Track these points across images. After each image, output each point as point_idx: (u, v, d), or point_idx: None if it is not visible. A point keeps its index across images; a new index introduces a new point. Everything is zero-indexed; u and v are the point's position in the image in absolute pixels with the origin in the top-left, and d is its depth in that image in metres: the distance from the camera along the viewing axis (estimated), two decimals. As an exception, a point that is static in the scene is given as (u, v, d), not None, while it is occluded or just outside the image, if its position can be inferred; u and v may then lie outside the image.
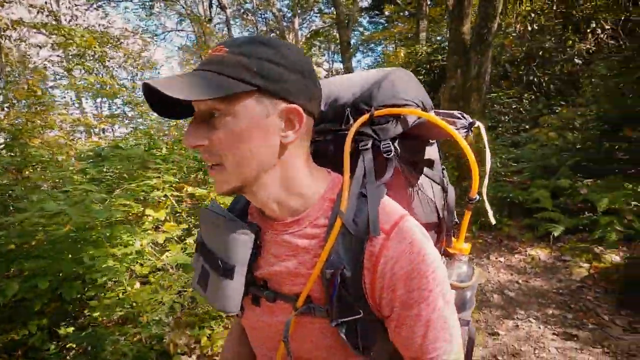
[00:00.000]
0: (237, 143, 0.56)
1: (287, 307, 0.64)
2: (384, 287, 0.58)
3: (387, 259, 0.57)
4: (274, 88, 0.55)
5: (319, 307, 0.60)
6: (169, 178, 3.13)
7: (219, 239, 0.65)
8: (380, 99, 0.73)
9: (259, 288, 0.66)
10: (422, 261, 0.57)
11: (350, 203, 0.60)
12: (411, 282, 0.57)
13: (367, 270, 0.58)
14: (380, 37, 14.46)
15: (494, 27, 5.27)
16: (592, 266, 3.23)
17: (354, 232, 0.58)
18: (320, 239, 0.61)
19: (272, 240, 0.65)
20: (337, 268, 0.57)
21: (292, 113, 0.58)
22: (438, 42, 8.78)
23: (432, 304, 0.57)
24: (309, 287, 0.60)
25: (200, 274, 0.69)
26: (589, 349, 2.29)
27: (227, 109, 0.55)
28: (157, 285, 2.62)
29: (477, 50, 5.40)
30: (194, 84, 0.52)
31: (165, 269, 2.78)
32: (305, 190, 0.63)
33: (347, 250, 0.58)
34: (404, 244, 0.58)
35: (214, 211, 0.67)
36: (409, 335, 0.58)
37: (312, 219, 0.62)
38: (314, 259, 0.61)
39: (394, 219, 0.60)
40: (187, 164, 4.01)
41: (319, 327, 0.62)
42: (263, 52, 0.55)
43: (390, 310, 0.59)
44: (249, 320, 0.72)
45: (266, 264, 0.65)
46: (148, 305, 2.35)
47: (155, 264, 2.70)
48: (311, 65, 0.62)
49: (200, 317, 2.49)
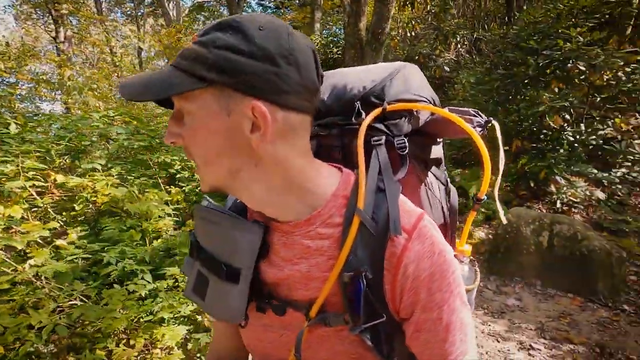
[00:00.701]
0: (200, 141, 0.52)
1: (298, 315, 0.59)
2: (405, 290, 0.55)
3: (409, 260, 0.54)
4: (232, 82, 0.49)
5: (335, 314, 0.56)
6: (31, 163, 2.40)
7: (222, 240, 0.59)
8: (393, 93, 0.72)
9: (266, 297, 0.60)
10: (443, 262, 0.56)
11: (367, 200, 0.56)
12: (433, 285, 0.55)
13: (387, 272, 0.55)
14: (272, 22, 14.34)
15: (387, 27, 5.74)
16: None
17: (374, 231, 0.55)
18: (334, 239, 0.56)
19: (280, 242, 0.59)
20: (357, 270, 0.53)
21: (255, 111, 0.50)
22: (331, 35, 9.11)
23: (452, 305, 0.55)
24: (326, 292, 0.55)
25: (196, 281, 0.63)
26: (475, 312, 2.75)
27: (186, 106, 0.52)
28: (19, 305, 1.99)
29: (371, 47, 5.80)
30: (150, 84, 0.51)
31: (28, 283, 2.13)
32: (311, 188, 0.57)
33: (366, 250, 0.55)
34: (426, 245, 0.55)
35: (215, 209, 0.61)
36: (429, 338, 0.56)
37: (324, 218, 0.57)
38: (329, 261, 0.56)
39: (415, 217, 0.57)
40: (51, 145, 3.14)
41: (335, 334, 0.58)
42: (225, 39, 0.49)
43: (409, 314, 0.56)
44: (252, 331, 0.65)
45: (273, 268, 0.59)
46: (10, 332, 1.76)
47: (14, 277, 2.04)
48: (297, 49, 0.51)
49: (91, 337, 2.00)
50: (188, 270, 0.65)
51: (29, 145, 2.82)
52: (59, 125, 3.47)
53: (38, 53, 10.47)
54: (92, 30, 11.72)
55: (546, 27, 4.39)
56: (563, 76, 4.18)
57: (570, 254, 3.07)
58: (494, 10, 8.12)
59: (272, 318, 0.61)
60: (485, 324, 2.60)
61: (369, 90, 0.72)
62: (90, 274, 2.37)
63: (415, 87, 0.73)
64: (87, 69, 10.23)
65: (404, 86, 0.72)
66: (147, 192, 2.95)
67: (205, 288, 0.61)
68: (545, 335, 2.45)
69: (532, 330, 2.52)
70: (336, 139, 0.73)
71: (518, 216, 3.43)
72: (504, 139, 0.72)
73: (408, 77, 0.74)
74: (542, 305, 2.84)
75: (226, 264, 0.57)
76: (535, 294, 3.00)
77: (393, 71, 0.74)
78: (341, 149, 0.73)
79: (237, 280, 0.57)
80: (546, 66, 4.15)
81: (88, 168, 2.89)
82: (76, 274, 2.25)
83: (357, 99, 0.71)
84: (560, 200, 4.08)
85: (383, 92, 0.71)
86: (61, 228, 2.64)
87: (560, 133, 4.17)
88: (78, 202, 2.67)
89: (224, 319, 0.60)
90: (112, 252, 2.18)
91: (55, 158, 3.13)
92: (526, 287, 3.09)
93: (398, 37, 8.19)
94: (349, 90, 0.73)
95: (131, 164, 3.40)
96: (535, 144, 4.32)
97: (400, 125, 0.71)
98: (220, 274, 0.58)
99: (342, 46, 7.81)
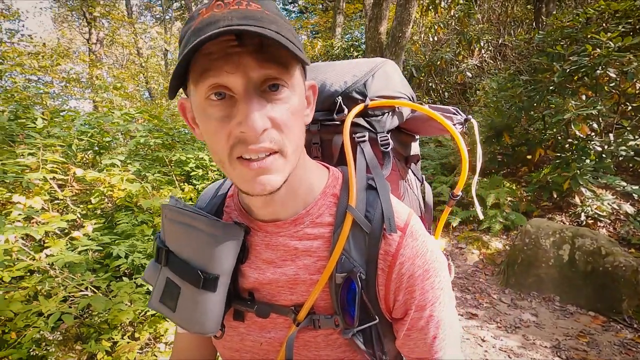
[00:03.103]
0: (297, 122, 0.46)
1: (282, 320, 0.56)
2: (400, 289, 0.53)
3: (404, 258, 0.52)
4: (304, 59, 0.45)
5: (325, 317, 0.53)
6: (51, 157, 2.49)
7: (197, 244, 0.54)
8: (375, 89, 0.71)
9: (246, 301, 0.56)
10: (435, 259, 0.55)
11: (358, 198, 0.54)
12: (426, 283, 0.53)
13: (381, 271, 0.53)
14: (295, 25, 14.51)
15: (407, 31, 5.68)
16: (481, 252, 3.75)
17: (367, 229, 0.53)
18: (325, 239, 0.54)
19: (263, 244, 0.56)
20: (350, 271, 0.51)
21: (312, 89, 0.52)
22: (352, 40, 9.10)
23: (443, 302, 0.54)
24: (316, 294, 0.52)
25: (165, 290, 0.56)
26: (487, 325, 2.64)
27: (288, 79, 0.44)
28: (32, 292, 2.06)
29: (391, 51, 5.73)
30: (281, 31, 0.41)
31: (43, 271, 2.20)
32: (313, 183, 0.55)
33: (359, 250, 0.52)
34: (418, 242, 0.54)
35: (187, 209, 0.55)
36: (420, 337, 0.54)
37: (313, 217, 0.55)
38: (318, 263, 0.53)
39: (406, 215, 0.56)
40: (73, 140, 3.26)
41: (324, 338, 0.55)
42: (279, 13, 0.46)
43: (403, 313, 0.54)
44: (229, 341, 0.60)
45: (254, 271, 0.56)
46: (20, 318, 1.82)
47: (29, 265, 2.12)
48: None
49: (97, 328, 2.04)
50: (152, 278, 0.59)
51: (53, 140, 2.94)
52: (81, 121, 3.60)
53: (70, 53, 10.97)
54: (122, 32, 12.18)
55: (574, 31, 4.21)
56: (591, 83, 3.98)
57: (592, 270, 2.90)
58: (522, 15, 7.88)
59: (251, 325, 0.58)
60: (498, 338, 2.49)
61: (350, 85, 0.71)
62: (102, 266, 2.42)
63: (397, 84, 0.74)
64: (115, 70, 10.64)
65: (385, 82, 0.72)
66: (162, 188, 3.02)
67: (175, 298, 0.54)
68: (561, 354, 2.32)
69: (548, 348, 2.39)
70: (315, 135, 0.72)
71: (538, 227, 3.28)
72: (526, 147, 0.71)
73: (389, 73, 0.74)
74: (560, 322, 2.69)
75: (203, 271, 0.52)
76: (553, 309, 2.85)
77: (374, 67, 0.73)
78: (320, 145, 0.72)
79: (215, 289, 0.52)
80: (573, 73, 3.97)
81: (108, 163, 2.98)
82: (89, 264, 2.31)
83: (339, 95, 0.71)
84: (585, 213, 3.87)
85: (365, 87, 0.71)
86: (79, 220, 2.73)
87: (587, 142, 3.97)
88: (94, 196, 2.75)
89: (198, 331, 0.53)
90: (122, 245, 2.22)
91: (77, 153, 3.24)
92: (543, 302, 2.94)
93: (420, 41, 8.08)
94: (329, 86, 0.72)
95: (149, 160, 3.49)
96: (559, 154, 4.13)
97: (382, 121, 0.71)
98: (196, 282, 0.52)
99: (362, 50, 7.79)
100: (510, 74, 5.06)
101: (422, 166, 5.44)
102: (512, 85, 4.87)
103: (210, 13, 0.41)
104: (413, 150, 0.83)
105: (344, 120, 0.68)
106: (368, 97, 0.70)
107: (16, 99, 4.02)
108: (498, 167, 4.85)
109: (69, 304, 1.94)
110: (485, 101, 5.32)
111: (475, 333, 2.54)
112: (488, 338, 2.49)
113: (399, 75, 0.77)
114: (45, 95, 7.38)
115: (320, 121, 0.72)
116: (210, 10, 0.41)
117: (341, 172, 0.60)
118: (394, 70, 0.76)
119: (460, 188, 0.76)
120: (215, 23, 0.39)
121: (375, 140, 0.69)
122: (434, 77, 7.67)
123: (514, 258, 3.35)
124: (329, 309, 0.54)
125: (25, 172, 2.45)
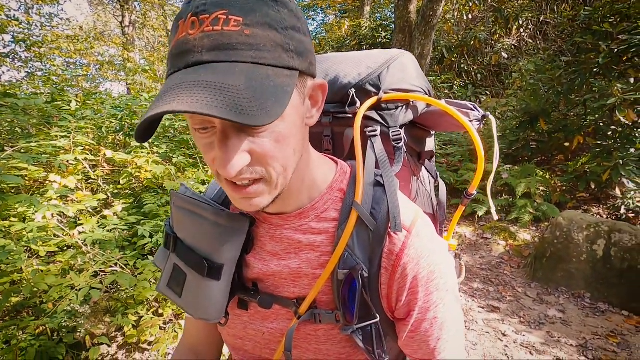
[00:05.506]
0: (285, 147, 0.43)
1: (285, 312, 0.56)
2: (403, 289, 0.52)
3: (409, 258, 0.51)
4: (305, 66, 0.43)
5: (326, 312, 0.53)
6: (82, 139, 2.60)
7: (203, 233, 0.55)
8: (389, 81, 0.69)
9: (250, 291, 0.57)
10: (441, 261, 0.54)
11: (365, 194, 0.53)
12: (431, 284, 0.52)
13: (384, 270, 0.52)
14: (322, 5, 14.09)
15: (439, 10, 5.38)
16: (507, 244, 3.61)
17: (372, 227, 0.52)
18: (329, 235, 0.53)
19: (268, 235, 0.56)
20: (353, 268, 0.50)
21: (320, 89, 0.49)
22: (380, 20, 8.77)
23: (448, 304, 0.54)
24: (317, 289, 0.52)
25: (172, 275, 0.58)
26: (509, 319, 2.56)
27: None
28: (67, 267, 2.20)
29: (421, 31, 5.48)
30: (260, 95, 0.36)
31: (76, 247, 2.34)
32: (317, 178, 0.55)
33: (363, 247, 0.52)
34: (424, 242, 0.53)
35: (195, 198, 0.56)
36: (424, 339, 0.54)
37: (318, 212, 0.54)
38: (321, 258, 0.53)
39: (413, 214, 0.54)
40: (104, 122, 3.39)
41: (325, 333, 0.55)
42: (284, 16, 0.41)
43: (406, 314, 0.53)
44: (233, 328, 0.61)
45: (259, 262, 0.56)
46: (55, 291, 1.94)
47: (64, 241, 2.25)
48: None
49: (124, 302, 2.16)
50: (161, 262, 0.61)
51: (84, 122, 3.06)
52: (111, 103, 3.72)
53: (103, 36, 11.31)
54: (152, 15, 12.37)
55: (626, 7, 3.83)
56: (642, 65, 3.64)
57: (629, 267, 2.72)
58: (567, -11, 7.26)
59: (254, 315, 0.59)
60: (519, 333, 2.41)
61: (364, 77, 0.69)
62: (130, 244, 2.54)
63: (413, 76, 0.71)
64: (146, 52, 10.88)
65: (401, 75, 0.69)
66: (187, 170, 3.09)
67: (182, 284, 0.56)
68: (587, 353, 2.22)
69: (573, 346, 2.29)
70: (327, 128, 0.71)
71: (571, 220, 3.10)
72: (564, 134, 0.66)
73: (406, 65, 0.71)
74: (589, 320, 2.57)
75: (208, 259, 0.53)
76: (582, 307, 2.72)
77: (390, 59, 0.71)
78: (331, 138, 0.71)
79: (219, 277, 0.53)
80: (622, 53, 3.63)
81: (137, 145, 3.08)
82: (118, 242, 2.43)
83: (352, 87, 0.69)
84: (626, 206, 3.62)
85: (379, 80, 0.68)
86: (110, 199, 2.86)
87: (633, 130, 3.66)
88: (123, 177, 2.86)
89: (202, 317, 0.55)
90: (147, 225, 2.30)
91: (108, 135, 3.37)
92: (572, 299, 2.81)
93: (452, 20, 7.66)
94: (342, 77, 0.70)
95: (176, 143, 3.58)
96: (600, 142, 3.85)
97: (396, 116, 0.68)
98: (201, 270, 0.53)
99: (391, 30, 7.49)
100: (550, 54, 4.71)
101: (449, 152, 5.24)
102: (551, 67, 4.54)
103: (184, 35, 0.38)
104: (427, 146, 0.81)
105: (356, 113, 0.66)
106: (382, 89, 0.68)
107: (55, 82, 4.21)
108: (531, 155, 4.59)
109: (99, 279, 2.05)
110: (521, 84, 5.00)
111: (495, 327, 2.47)
112: (509, 333, 2.41)
113: (415, 67, 0.74)
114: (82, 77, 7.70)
115: (332, 113, 0.70)
116: (185, 31, 0.38)
117: (350, 166, 0.59)
118: (411, 61, 0.74)
119: (475, 187, 0.74)
120: (185, 55, 0.38)
121: (387, 135, 0.67)
122: (466, 58, 7.29)
123: (542, 251, 3.20)
124: (331, 304, 0.54)
125: (60, 153, 2.57)
